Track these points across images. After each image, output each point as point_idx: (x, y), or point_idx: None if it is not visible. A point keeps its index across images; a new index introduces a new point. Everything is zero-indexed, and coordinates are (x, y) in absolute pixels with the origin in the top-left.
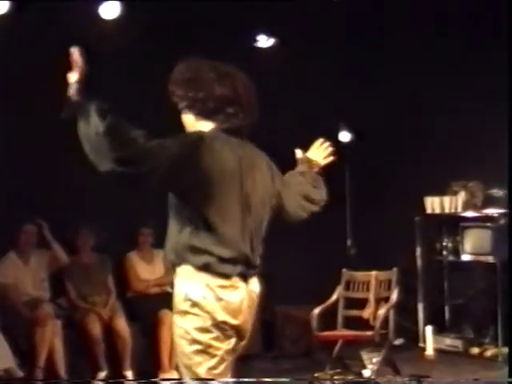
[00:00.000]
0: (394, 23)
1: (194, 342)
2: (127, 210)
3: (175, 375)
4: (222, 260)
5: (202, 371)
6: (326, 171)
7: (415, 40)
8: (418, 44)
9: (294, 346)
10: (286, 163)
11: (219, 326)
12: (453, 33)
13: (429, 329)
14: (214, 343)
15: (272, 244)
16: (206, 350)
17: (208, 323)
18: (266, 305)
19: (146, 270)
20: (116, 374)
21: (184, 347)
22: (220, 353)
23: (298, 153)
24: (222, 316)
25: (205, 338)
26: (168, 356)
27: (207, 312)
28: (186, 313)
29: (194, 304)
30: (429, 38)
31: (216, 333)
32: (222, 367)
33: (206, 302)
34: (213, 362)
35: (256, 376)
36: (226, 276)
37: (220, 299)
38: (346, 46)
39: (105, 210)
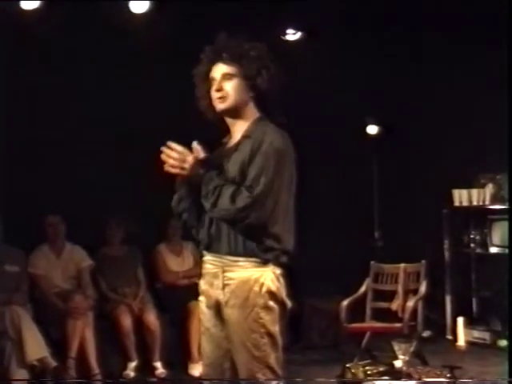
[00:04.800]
0: (421, 17)
1: (268, 334)
2: (156, 202)
3: None
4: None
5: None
6: (355, 164)
7: (445, 34)
8: (448, 37)
9: (321, 337)
10: (315, 154)
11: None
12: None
13: (460, 320)
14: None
15: (300, 236)
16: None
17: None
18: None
19: (175, 262)
20: (146, 365)
21: (257, 340)
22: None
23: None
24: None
25: (276, 328)
26: (197, 347)
27: (281, 302)
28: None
29: (273, 295)
30: (456, 32)
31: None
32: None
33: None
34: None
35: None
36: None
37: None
38: (373, 40)
39: (134, 202)
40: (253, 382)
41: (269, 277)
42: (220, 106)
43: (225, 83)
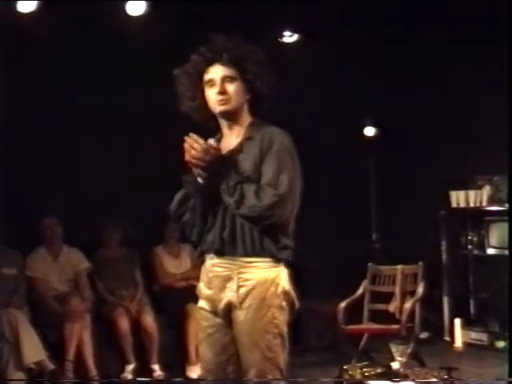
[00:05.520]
0: (419, 18)
1: (280, 335)
2: (154, 204)
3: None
4: None
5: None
6: (352, 166)
7: (441, 35)
8: (444, 39)
9: (319, 339)
10: (311, 155)
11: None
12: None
13: (457, 321)
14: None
15: (297, 239)
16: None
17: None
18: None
19: (172, 264)
20: (144, 367)
21: (271, 341)
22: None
23: None
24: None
25: (286, 329)
26: (195, 349)
27: (292, 302)
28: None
29: (286, 295)
30: (454, 33)
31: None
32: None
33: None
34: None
35: None
36: None
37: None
38: (370, 41)
39: (131, 204)
40: (246, 381)
41: (283, 277)
42: (221, 108)
43: (227, 86)
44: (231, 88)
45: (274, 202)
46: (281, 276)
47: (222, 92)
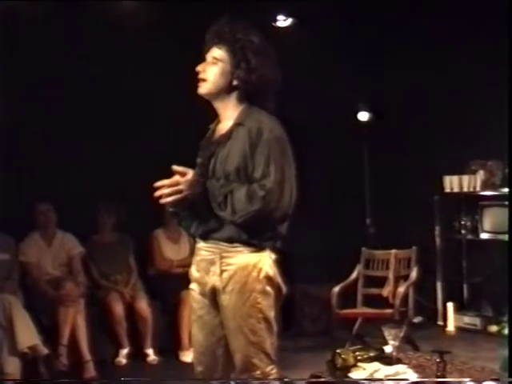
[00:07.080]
0: (415, 3)
1: (264, 319)
2: (151, 188)
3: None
4: None
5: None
6: (346, 151)
7: (435, 19)
8: (439, 24)
9: (313, 324)
10: (305, 141)
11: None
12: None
13: (450, 305)
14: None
15: (292, 223)
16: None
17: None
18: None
19: (171, 250)
20: (138, 352)
21: (255, 326)
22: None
23: None
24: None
25: (272, 314)
26: (188, 334)
27: (277, 287)
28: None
29: (270, 280)
30: (449, 18)
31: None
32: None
33: (277, 277)
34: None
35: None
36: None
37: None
38: (364, 26)
39: (127, 188)
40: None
41: (266, 262)
42: (199, 90)
43: (208, 67)
44: (212, 70)
45: (266, 202)
46: (264, 261)
47: (201, 71)
